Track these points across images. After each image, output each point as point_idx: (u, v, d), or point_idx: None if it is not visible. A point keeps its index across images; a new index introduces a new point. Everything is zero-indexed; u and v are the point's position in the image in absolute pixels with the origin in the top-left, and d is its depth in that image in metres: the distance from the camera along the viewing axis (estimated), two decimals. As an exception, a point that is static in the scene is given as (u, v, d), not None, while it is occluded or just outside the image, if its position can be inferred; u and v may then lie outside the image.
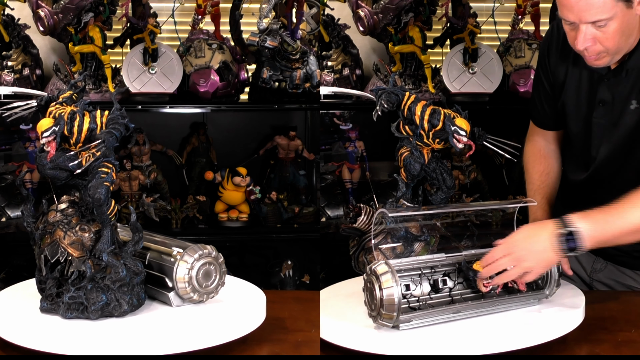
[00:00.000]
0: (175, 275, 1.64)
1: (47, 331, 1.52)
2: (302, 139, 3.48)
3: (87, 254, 1.60)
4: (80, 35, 3.03)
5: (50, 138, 1.56)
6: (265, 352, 1.61)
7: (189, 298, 1.66)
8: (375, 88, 1.76)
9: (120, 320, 1.57)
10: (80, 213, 1.64)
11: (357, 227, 1.76)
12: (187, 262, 1.64)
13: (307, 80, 3.18)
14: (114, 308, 1.58)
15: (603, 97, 1.87)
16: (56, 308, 1.57)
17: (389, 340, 1.51)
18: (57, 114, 1.59)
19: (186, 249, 1.66)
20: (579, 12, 1.69)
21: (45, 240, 1.61)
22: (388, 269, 1.53)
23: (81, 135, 1.58)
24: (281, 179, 3.45)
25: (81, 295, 1.56)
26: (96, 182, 1.56)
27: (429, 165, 1.75)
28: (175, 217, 3.20)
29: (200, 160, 3.38)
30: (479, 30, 3.16)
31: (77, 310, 1.56)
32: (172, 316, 1.61)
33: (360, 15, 3.18)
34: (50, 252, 1.60)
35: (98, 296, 1.56)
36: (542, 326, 1.60)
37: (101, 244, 1.59)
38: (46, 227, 1.63)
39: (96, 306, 1.56)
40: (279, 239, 3.34)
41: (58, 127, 1.56)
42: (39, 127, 1.57)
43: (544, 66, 2.03)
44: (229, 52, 3.23)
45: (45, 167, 1.60)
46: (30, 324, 1.56)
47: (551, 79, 2.01)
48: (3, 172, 3.12)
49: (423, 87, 3.18)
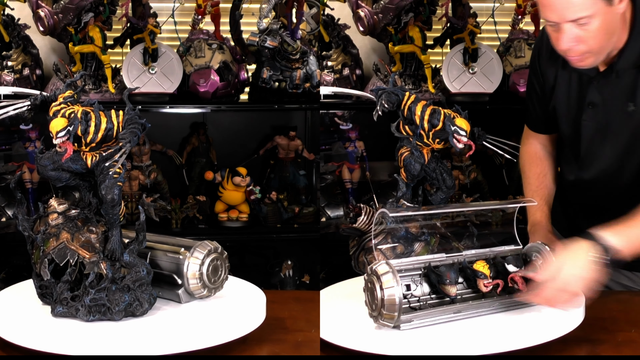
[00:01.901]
0: (186, 272, 1.66)
1: (47, 331, 1.51)
2: (302, 139, 3.48)
3: (100, 255, 1.59)
4: (80, 35, 3.03)
5: (64, 138, 1.52)
6: (265, 352, 1.61)
7: (199, 294, 1.68)
8: (375, 88, 1.76)
9: (120, 320, 1.57)
10: (84, 215, 1.63)
11: (357, 227, 1.76)
12: (198, 259, 1.67)
13: (307, 80, 3.18)
14: (136, 307, 1.57)
15: (592, 99, 1.87)
16: (74, 312, 1.55)
17: (389, 340, 1.51)
18: (67, 113, 1.54)
19: (196, 246, 1.68)
20: (560, 11, 1.68)
21: (50, 243, 1.59)
22: (389, 269, 1.53)
23: (97, 135, 1.55)
24: (281, 179, 3.46)
25: (103, 297, 1.54)
26: (109, 183, 1.54)
27: (429, 165, 1.75)
28: (175, 217, 3.20)
29: (200, 160, 3.38)
30: (479, 30, 3.16)
31: (100, 313, 1.55)
32: (172, 316, 1.61)
33: (360, 15, 3.18)
34: (58, 256, 1.57)
35: (121, 297, 1.55)
36: (542, 326, 1.60)
37: (113, 245, 1.58)
38: (48, 230, 1.60)
39: (120, 307, 1.55)
40: (279, 239, 3.34)
41: (72, 127, 1.52)
42: (53, 127, 1.52)
43: (535, 69, 2.03)
44: (229, 52, 3.23)
45: (47, 168, 1.58)
46: (30, 324, 1.55)
47: (542, 82, 2.01)
48: (3, 172, 3.12)
49: (423, 87, 3.18)
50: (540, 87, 2.02)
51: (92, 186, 1.65)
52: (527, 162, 2.14)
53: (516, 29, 3.26)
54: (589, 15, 1.68)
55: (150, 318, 1.60)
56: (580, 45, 1.73)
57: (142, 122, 1.58)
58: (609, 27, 1.72)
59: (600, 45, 1.74)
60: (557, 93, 1.96)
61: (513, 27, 3.27)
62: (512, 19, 3.26)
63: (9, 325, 1.55)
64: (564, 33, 1.71)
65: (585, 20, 1.68)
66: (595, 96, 1.87)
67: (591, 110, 1.88)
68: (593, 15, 1.68)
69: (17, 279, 1.87)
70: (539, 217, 2.06)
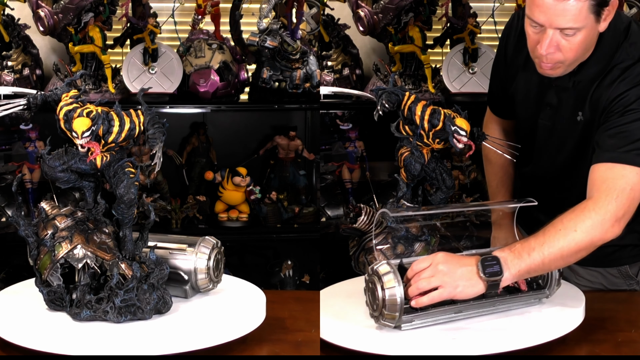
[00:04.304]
0: (195, 267, 1.70)
1: (46, 331, 1.52)
2: (302, 139, 3.48)
3: (119, 255, 1.59)
4: (80, 35, 3.03)
5: (89, 138, 1.50)
6: (265, 352, 1.62)
7: (205, 288, 1.73)
8: (376, 88, 1.76)
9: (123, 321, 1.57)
10: (92, 216, 1.62)
11: (357, 227, 1.76)
12: (205, 254, 1.72)
13: (307, 80, 3.18)
14: (162, 305, 1.59)
15: (550, 101, 1.88)
16: (102, 314, 1.54)
17: (389, 340, 1.51)
18: (85, 112, 1.51)
19: (200, 242, 1.73)
20: (552, 16, 1.66)
21: (63, 247, 1.56)
22: (390, 269, 1.53)
23: (121, 135, 1.53)
24: (281, 179, 3.45)
25: (133, 297, 1.54)
26: (128, 183, 1.54)
27: (429, 165, 1.76)
28: (175, 217, 3.20)
29: (200, 160, 3.38)
30: (479, 30, 3.16)
31: (130, 313, 1.55)
32: (171, 316, 1.61)
33: (360, 15, 3.18)
34: (74, 259, 1.56)
35: (151, 296, 1.56)
36: (542, 326, 1.60)
37: (129, 245, 1.59)
38: (58, 234, 1.57)
39: (151, 306, 1.56)
40: (279, 239, 3.34)
41: (95, 127, 1.50)
42: (78, 127, 1.48)
43: (501, 52, 2.02)
44: (229, 52, 3.23)
45: (56, 169, 1.56)
46: (30, 324, 1.55)
47: (507, 66, 1.99)
48: (3, 172, 3.12)
49: (423, 87, 3.18)
50: (505, 70, 2.00)
51: (97, 187, 1.64)
52: (492, 150, 2.11)
53: (516, 29, 3.26)
54: (577, 27, 1.66)
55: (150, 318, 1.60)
56: (557, 54, 1.71)
57: (163, 122, 1.58)
58: (589, 42, 1.72)
59: (575, 58, 1.74)
60: (517, 83, 1.96)
61: (513, 27, 3.27)
62: (512, 19, 3.27)
63: (9, 325, 1.55)
64: (547, 39, 1.69)
65: (573, 31, 1.67)
66: (553, 98, 1.87)
67: (549, 110, 1.89)
68: (581, 28, 1.67)
69: (17, 279, 1.87)
70: (506, 212, 2.08)
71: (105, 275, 1.59)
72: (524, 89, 1.95)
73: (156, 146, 1.55)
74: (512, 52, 1.97)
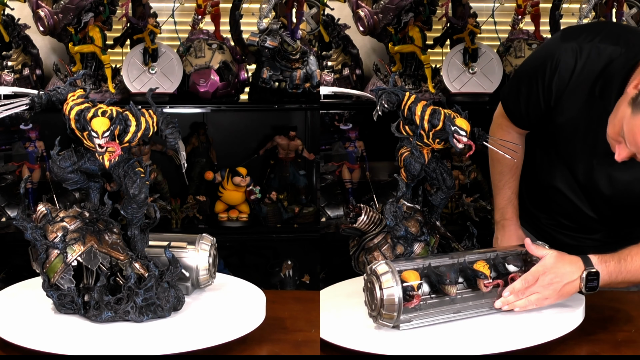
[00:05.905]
0: (198, 264, 1.73)
1: (46, 331, 1.52)
2: (302, 139, 3.48)
3: (132, 255, 1.59)
4: (80, 35, 3.03)
5: (109, 138, 1.47)
6: (265, 352, 1.62)
7: (205, 284, 1.76)
8: (376, 88, 1.76)
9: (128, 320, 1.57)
10: (100, 217, 1.61)
11: (357, 227, 1.76)
12: (206, 251, 1.75)
13: (307, 80, 3.18)
14: (178, 302, 1.60)
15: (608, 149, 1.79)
16: (123, 314, 1.53)
17: (389, 340, 1.51)
18: (100, 112, 1.49)
19: (200, 240, 1.77)
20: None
21: (75, 249, 1.54)
22: (388, 269, 1.53)
23: (137, 135, 1.52)
24: (281, 179, 3.45)
25: (153, 295, 1.55)
26: (140, 183, 1.54)
27: (429, 165, 1.75)
28: (175, 217, 3.20)
29: (200, 160, 3.38)
30: (479, 30, 3.16)
31: (151, 311, 1.55)
32: (171, 316, 1.61)
33: (360, 15, 3.18)
34: (89, 261, 1.54)
35: (170, 293, 1.58)
36: (542, 326, 1.60)
37: (139, 244, 1.59)
38: (69, 235, 1.54)
39: (170, 303, 1.57)
40: (279, 239, 3.34)
41: (113, 127, 1.49)
42: (98, 127, 1.46)
43: (544, 84, 1.90)
44: (229, 52, 3.23)
45: (66, 170, 1.54)
46: (31, 324, 1.55)
47: (551, 101, 1.90)
48: (3, 172, 3.12)
49: (423, 87, 3.18)
50: (545, 102, 1.92)
51: (103, 187, 1.64)
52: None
53: (516, 29, 3.26)
54: None
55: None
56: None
57: (175, 121, 1.58)
58: None
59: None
60: (569, 121, 1.89)
61: (513, 27, 3.27)
62: (512, 19, 3.26)
63: (9, 325, 1.55)
64: (625, 151, 1.68)
65: None
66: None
67: (608, 158, 1.79)
68: None
69: (17, 279, 1.87)
70: (510, 213, 2.10)
71: (115, 275, 1.58)
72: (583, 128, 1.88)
73: (178, 146, 1.55)
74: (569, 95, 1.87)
